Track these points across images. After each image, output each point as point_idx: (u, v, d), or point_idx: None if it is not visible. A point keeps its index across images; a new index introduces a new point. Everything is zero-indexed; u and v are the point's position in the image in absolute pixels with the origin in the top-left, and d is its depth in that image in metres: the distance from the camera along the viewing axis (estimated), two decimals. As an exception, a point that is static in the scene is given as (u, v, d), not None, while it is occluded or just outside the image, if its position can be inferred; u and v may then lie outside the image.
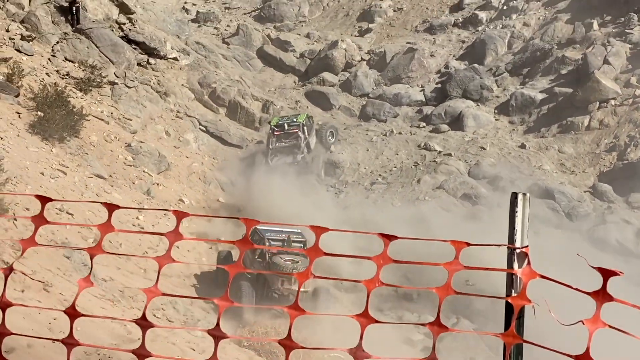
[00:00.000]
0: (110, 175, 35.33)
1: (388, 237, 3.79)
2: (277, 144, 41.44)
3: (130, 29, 45.62)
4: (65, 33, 42.27)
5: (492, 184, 40.48)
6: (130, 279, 25.56)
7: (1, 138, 31.58)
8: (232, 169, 41.34)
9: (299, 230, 30.99)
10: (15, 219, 25.03)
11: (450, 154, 43.20)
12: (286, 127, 41.84)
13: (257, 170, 39.86)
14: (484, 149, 43.32)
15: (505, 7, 52.49)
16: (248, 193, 37.78)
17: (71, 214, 27.91)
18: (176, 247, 4.45)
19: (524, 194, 3.84)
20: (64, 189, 30.99)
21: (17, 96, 35.75)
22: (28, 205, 26.76)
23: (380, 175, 42.86)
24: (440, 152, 43.73)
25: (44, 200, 3.99)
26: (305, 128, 42.31)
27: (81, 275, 23.75)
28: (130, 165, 36.92)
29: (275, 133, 41.70)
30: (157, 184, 36.81)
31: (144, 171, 37.04)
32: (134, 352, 3.87)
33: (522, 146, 43.81)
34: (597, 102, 44.01)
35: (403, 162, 43.57)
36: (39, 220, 3.98)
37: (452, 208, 39.16)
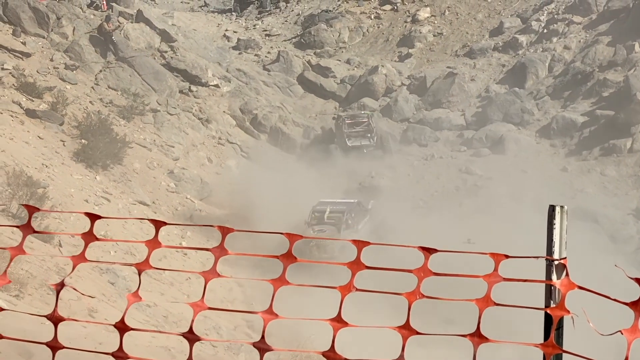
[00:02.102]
0: (154, 202, 35.64)
1: (428, 250, 3.87)
2: (349, 130, 46.77)
3: (172, 57, 46.06)
4: (108, 62, 42.77)
5: (533, 207, 40.23)
6: (173, 305, 25.72)
7: (46, 166, 32.01)
8: None
9: (354, 201, 38.23)
10: (60, 246, 25.35)
11: (491, 178, 43.06)
12: (356, 117, 47.77)
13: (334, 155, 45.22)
14: (526, 172, 43.15)
15: (545, 31, 52.34)
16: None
17: (134, 254, 28.18)
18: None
19: (562, 207, 3.91)
20: (108, 216, 31.30)
21: (61, 124, 36.24)
22: (74, 230, 27.07)
23: (421, 199, 42.82)
24: (481, 176, 43.61)
25: (94, 217, 4.11)
26: (372, 119, 47.52)
27: (125, 301, 23.99)
28: (173, 192, 37.22)
29: (347, 121, 47.01)
30: (200, 210, 37.03)
31: (186, 197, 37.30)
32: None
33: (564, 169, 43.60)
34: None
35: (444, 186, 43.51)
36: (89, 237, 4.10)
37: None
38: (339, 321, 3.71)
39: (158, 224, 4.14)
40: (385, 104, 50.42)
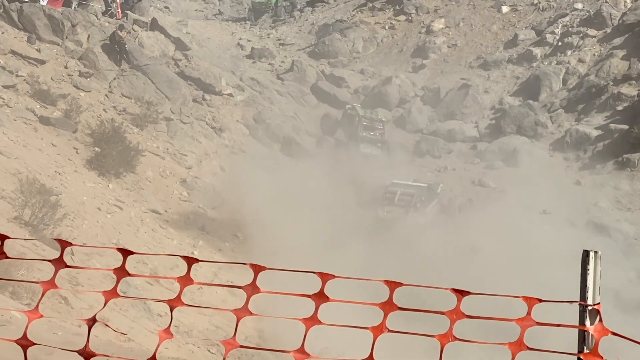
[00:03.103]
0: (166, 211, 35.63)
1: (461, 293, 3.85)
2: (363, 133, 46.58)
3: (186, 66, 46.12)
4: (122, 69, 42.83)
5: (547, 220, 40.13)
6: (185, 314, 25.68)
7: (59, 174, 32.05)
8: None
9: (425, 185, 40.93)
10: (73, 254, 25.32)
11: (504, 191, 42.95)
12: (373, 120, 47.58)
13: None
14: (539, 185, 43.03)
15: (560, 44, 52.25)
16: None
17: (146, 263, 28.12)
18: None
19: (596, 252, 3.88)
20: (120, 224, 31.32)
21: (74, 132, 36.30)
22: (86, 238, 27.11)
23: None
24: (494, 188, 43.52)
25: (126, 253, 4.10)
26: (385, 125, 47.80)
27: (137, 310, 23.99)
28: (186, 201, 37.22)
29: (364, 123, 46.89)
30: (213, 219, 37.02)
31: (199, 207, 37.29)
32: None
33: (578, 183, 43.50)
34: (654, 139, 43.66)
35: (457, 198, 43.40)
36: (121, 272, 4.09)
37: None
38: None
39: (190, 261, 4.12)
40: (399, 115, 50.40)
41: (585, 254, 3.86)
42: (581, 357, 3.75)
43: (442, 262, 34.03)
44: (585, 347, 3.79)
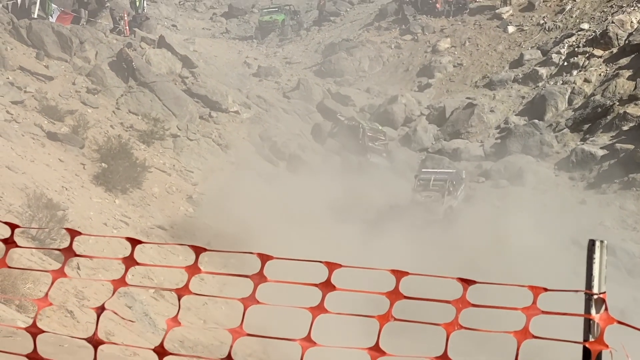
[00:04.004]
0: (172, 227, 35.64)
1: (467, 282, 3.89)
2: (369, 144, 48.19)
3: (193, 83, 46.28)
4: (130, 86, 42.98)
5: (552, 239, 40.07)
6: (189, 330, 25.69)
7: (66, 189, 32.13)
8: None
9: (453, 171, 44.37)
10: (79, 269, 25.40)
11: (509, 210, 42.90)
12: (377, 131, 49.24)
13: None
14: (544, 204, 43.02)
15: (565, 63, 52.34)
16: None
17: (151, 278, 28.14)
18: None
19: (601, 241, 3.92)
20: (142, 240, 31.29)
21: (82, 148, 36.41)
22: (91, 252, 27.14)
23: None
24: (499, 207, 43.48)
25: (134, 242, 4.14)
26: (387, 136, 49.61)
27: (143, 325, 23.99)
28: (191, 217, 37.24)
29: (368, 134, 48.40)
30: (218, 235, 37.03)
31: (204, 223, 37.31)
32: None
33: (583, 202, 43.48)
34: (659, 159, 43.66)
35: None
36: (130, 262, 4.13)
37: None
38: (377, 350, 3.73)
39: (198, 250, 4.16)
40: (404, 134, 50.49)
41: (592, 243, 3.90)
42: (587, 346, 3.79)
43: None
44: (590, 336, 3.83)
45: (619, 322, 3.83)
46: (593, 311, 3.81)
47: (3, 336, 13.94)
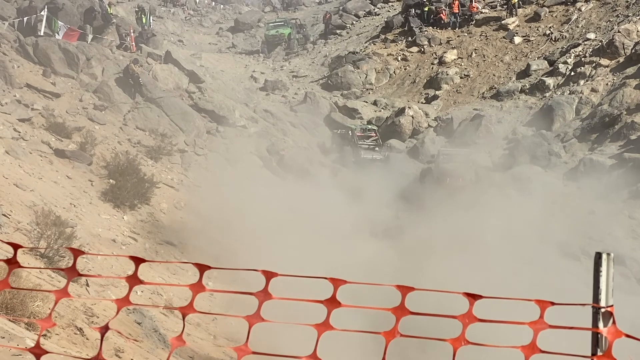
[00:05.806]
0: (180, 242, 35.61)
1: (473, 297, 3.86)
2: (360, 142, 49.58)
3: (199, 98, 46.33)
4: (137, 102, 43.04)
5: (561, 250, 39.98)
6: (199, 345, 25.65)
7: (74, 206, 32.14)
8: None
9: (468, 150, 47.84)
10: (88, 285, 25.38)
11: (517, 220, 42.78)
12: (366, 130, 50.92)
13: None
14: (553, 215, 42.91)
15: (572, 74, 52.31)
16: None
17: (161, 295, 28.10)
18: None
19: (608, 254, 3.90)
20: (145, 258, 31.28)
21: (89, 164, 36.42)
22: (100, 270, 27.13)
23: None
24: (507, 217, 43.35)
25: (138, 261, 4.12)
26: (378, 132, 50.93)
27: (153, 342, 23.95)
28: (200, 232, 37.19)
29: (358, 134, 49.86)
30: (227, 250, 36.99)
31: (213, 238, 37.26)
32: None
33: (592, 212, 43.33)
34: (668, 168, 43.56)
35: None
36: (133, 280, 4.11)
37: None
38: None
39: (202, 268, 4.14)
40: (412, 146, 50.46)
41: (598, 256, 3.87)
42: (595, 360, 3.76)
43: None
44: (598, 350, 3.80)
45: (627, 336, 3.80)
46: (601, 325, 3.79)
47: (12, 354, 13.94)
